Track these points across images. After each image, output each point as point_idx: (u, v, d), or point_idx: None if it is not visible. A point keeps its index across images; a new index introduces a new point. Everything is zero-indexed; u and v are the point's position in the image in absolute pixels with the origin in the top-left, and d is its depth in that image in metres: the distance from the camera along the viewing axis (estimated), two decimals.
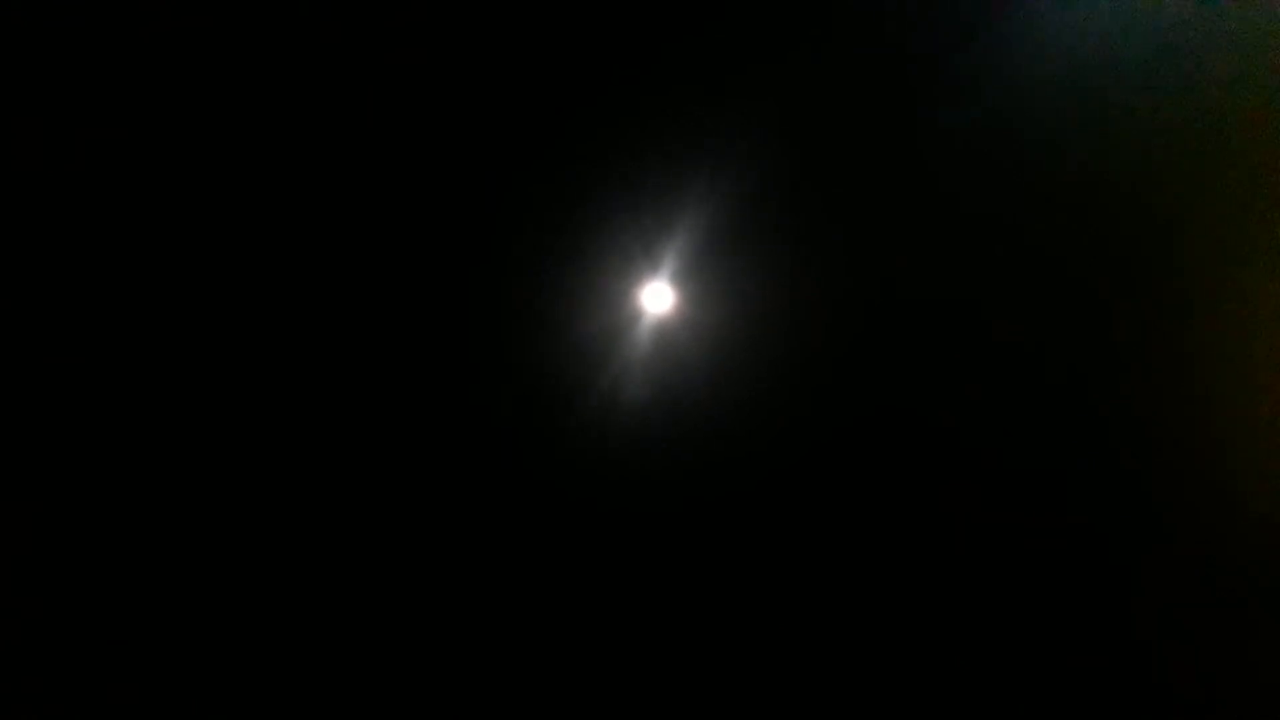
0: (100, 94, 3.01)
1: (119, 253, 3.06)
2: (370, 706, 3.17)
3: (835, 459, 3.23)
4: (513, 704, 3.19)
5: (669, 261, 3.14)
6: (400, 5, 2.98)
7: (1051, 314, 3.21)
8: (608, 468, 3.18)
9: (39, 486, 3.09)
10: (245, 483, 3.13)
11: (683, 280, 3.17)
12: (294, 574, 3.15)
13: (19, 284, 3.03)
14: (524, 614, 3.20)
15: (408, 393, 3.17)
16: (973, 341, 3.21)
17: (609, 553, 3.22)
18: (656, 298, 3.18)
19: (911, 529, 3.22)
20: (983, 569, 3.19)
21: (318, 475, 3.16)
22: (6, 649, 3.05)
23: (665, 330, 3.18)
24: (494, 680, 3.19)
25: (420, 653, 3.18)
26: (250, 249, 3.09)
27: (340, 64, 3.01)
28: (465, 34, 2.99)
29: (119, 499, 3.11)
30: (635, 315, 3.18)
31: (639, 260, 3.13)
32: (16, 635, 3.07)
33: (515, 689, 3.19)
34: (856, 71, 3.09)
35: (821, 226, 3.20)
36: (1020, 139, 3.14)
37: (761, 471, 3.23)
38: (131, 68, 3.00)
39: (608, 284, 3.15)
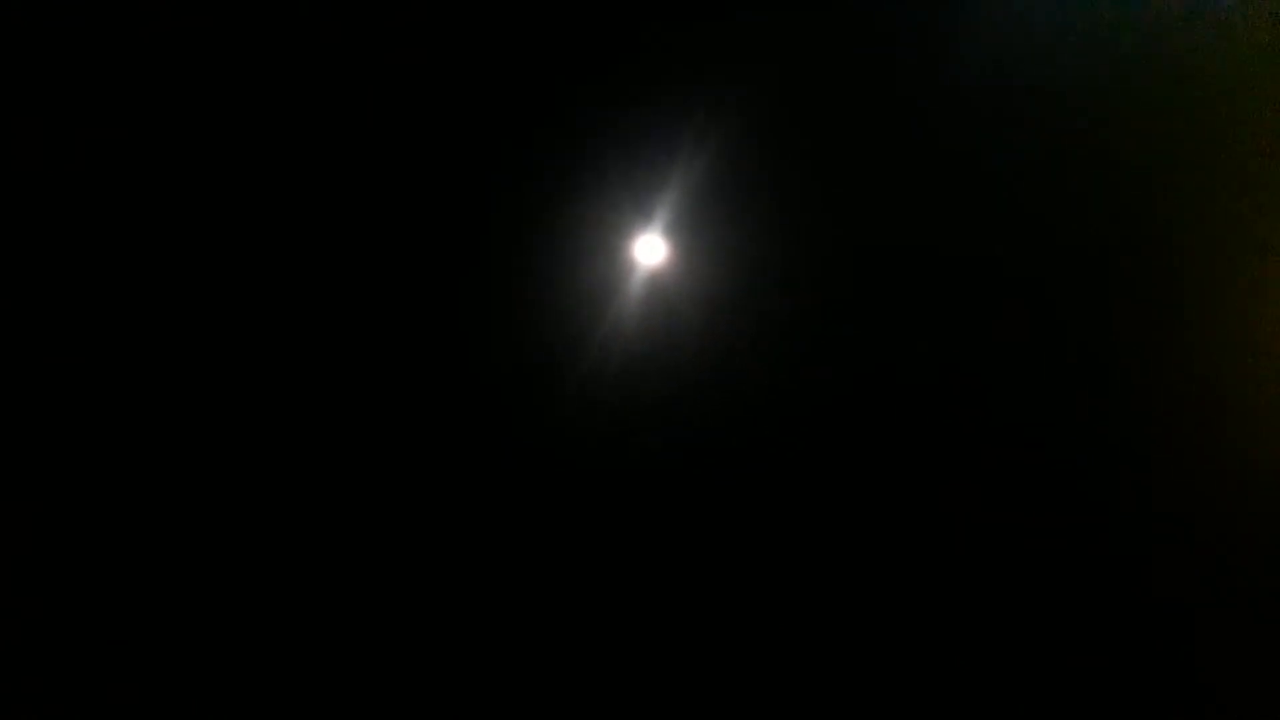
0: (100, 94, 3.07)
1: (116, 252, 3.10)
2: (364, 666, 3.12)
3: (826, 411, 3.21)
4: (522, 667, 3.15)
5: (662, 214, 3.14)
6: None
7: (1044, 270, 3.20)
8: (602, 419, 3.17)
9: (39, 486, 3.08)
10: (236, 450, 3.12)
11: (675, 233, 3.17)
12: (290, 539, 3.12)
13: (19, 284, 3.06)
14: (515, 564, 3.17)
15: (402, 349, 3.16)
16: (966, 297, 3.19)
17: (601, 505, 3.18)
18: (649, 250, 3.18)
19: (901, 483, 3.19)
20: (969, 520, 3.16)
21: (315, 449, 3.15)
22: (6, 649, 3.01)
23: (658, 282, 3.18)
24: (496, 643, 3.16)
25: (418, 614, 3.15)
26: (245, 221, 3.13)
27: (329, 30, 3.07)
28: None
29: (117, 496, 3.10)
30: (628, 268, 3.17)
31: (632, 213, 3.14)
32: (16, 635, 3.03)
33: (517, 650, 3.15)
34: (850, 26, 3.13)
35: (814, 179, 3.22)
36: (1018, 84, 3.15)
37: (753, 423, 3.21)
38: (131, 68, 3.06)
39: (601, 237, 3.15)
